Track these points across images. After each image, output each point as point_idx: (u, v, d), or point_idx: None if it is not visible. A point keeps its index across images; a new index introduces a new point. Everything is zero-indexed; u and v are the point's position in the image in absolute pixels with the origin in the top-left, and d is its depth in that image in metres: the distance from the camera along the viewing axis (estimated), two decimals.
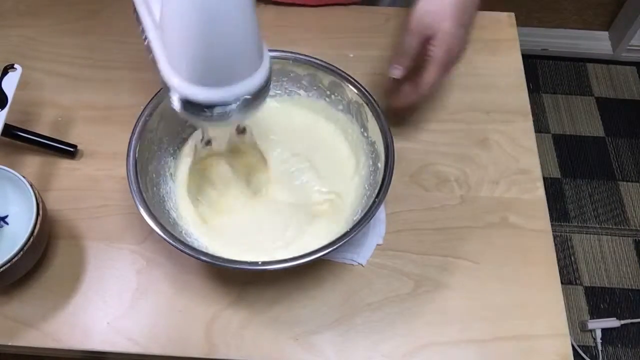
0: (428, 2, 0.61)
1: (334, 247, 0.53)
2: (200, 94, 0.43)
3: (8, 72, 0.65)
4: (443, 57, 0.61)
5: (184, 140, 0.66)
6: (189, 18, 0.39)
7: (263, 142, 0.63)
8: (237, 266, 0.53)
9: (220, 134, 0.59)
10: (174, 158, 0.64)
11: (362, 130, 0.64)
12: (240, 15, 0.40)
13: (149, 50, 0.47)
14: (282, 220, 0.62)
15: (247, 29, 0.41)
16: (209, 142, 0.59)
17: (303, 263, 0.52)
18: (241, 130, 0.58)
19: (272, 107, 0.67)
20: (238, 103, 0.44)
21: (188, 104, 0.44)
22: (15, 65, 0.65)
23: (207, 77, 0.42)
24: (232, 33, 0.40)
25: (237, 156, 0.62)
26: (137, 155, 0.58)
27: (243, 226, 0.62)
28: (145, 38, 0.47)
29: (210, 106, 0.43)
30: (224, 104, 0.43)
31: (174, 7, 0.40)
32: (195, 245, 0.56)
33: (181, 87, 0.43)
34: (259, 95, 0.45)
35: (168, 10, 0.41)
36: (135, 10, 0.49)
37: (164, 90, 0.46)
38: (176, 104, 0.45)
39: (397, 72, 0.63)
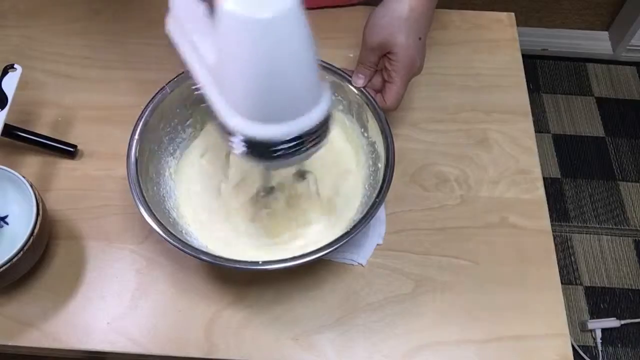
0: (379, 16, 0.61)
1: (334, 247, 0.53)
2: (262, 130, 0.42)
3: (8, 72, 0.65)
4: (404, 73, 0.61)
5: (184, 140, 0.66)
6: (247, 60, 0.39)
7: None
8: (237, 266, 0.53)
9: (282, 178, 0.59)
10: (174, 158, 0.64)
11: (362, 130, 0.64)
12: (299, 48, 0.40)
13: (204, 96, 0.47)
14: (281, 220, 0.62)
15: (305, 61, 0.42)
16: (271, 190, 0.58)
17: (303, 263, 0.52)
18: (301, 175, 0.58)
19: None
20: (299, 140, 0.43)
21: (252, 144, 0.43)
22: (15, 65, 0.65)
23: (268, 113, 0.42)
24: (291, 71, 0.40)
25: (293, 199, 0.61)
26: (137, 155, 0.58)
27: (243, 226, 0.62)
28: (199, 85, 0.47)
29: (273, 144, 0.43)
30: (287, 139, 0.43)
31: (232, 48, 0.39)
32: (195, 244, 0.56)
33: (242, 126, 0.43)
34: (321, 129, 0.45)
35: (225, 52, 0.41)
36: (184, 60, 0.49)
37: (223, 137, 0.45)
38: (239, 147, 0.44)
39: (360, 82, 0.63)
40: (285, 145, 0.43)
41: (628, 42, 1.83)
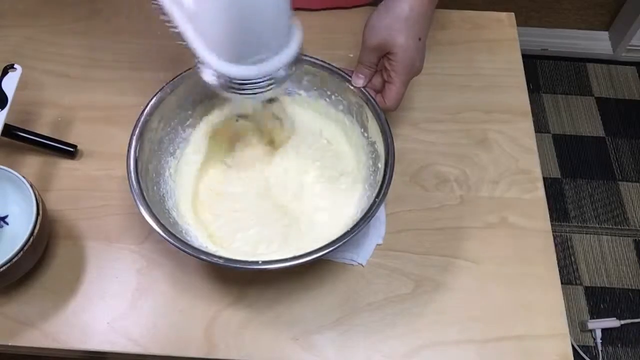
0: (379, 17, 0.61)
1: (334, 247, 0.53)
2: (238, 70, 0.46)
3: (8, 72, 0.65)
4: (404, 74, 0.61)
5: (184, 140, 0.66)
6: (223, 3, 0.42)
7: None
8: (237, 266, 0.53)
9: (252, 106, 0.63)
10: (174, 158, 0.64)
11: (362, 130, 0.64)
12: None
13: (180, 36, 0.49)
14: (281, 221, 0.62)
15: (279, 7, 0.44)
16: (241, 116, 0.63)
17: (303, 263, 0.52)
18: (270, 100, 0.61)
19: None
20: (271, 77, 0.48)
21: (225, 80, 0.47)
22: (15, 65, 0.65)
23: (243, 55, 0.46)
24: (264, 12, 0.43)
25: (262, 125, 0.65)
26: (137, 155, 0.58)
27: (243, 226, 0.62)
28: (171, 24, 0.49)
29: (246, 82, 0.47)
30: (259, 78, 0.47)
31: None
32: (195, 244, 0.56)
33: (218, 65, 0.46)
34: (290, 69, 0.48)
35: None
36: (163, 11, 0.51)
37: (198, 67, 0.49)
38: (212, 80, 0.48)
39: (360, 82, 0.63)
40: (255, 84, 0.47)
41: (628, 42, 1.83)
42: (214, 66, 0.46)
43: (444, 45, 0.81)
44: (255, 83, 0.48)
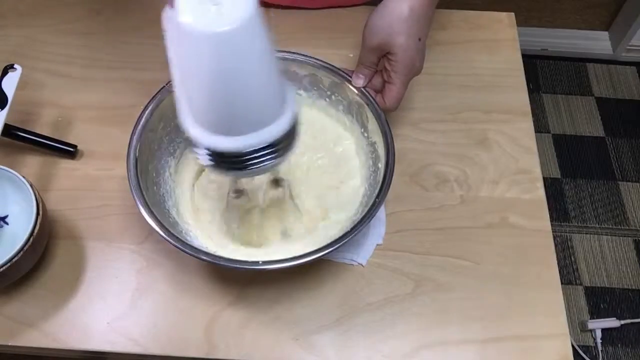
0: (379, 16, 0.60)
1: (334, 247, 0.53)
2: (224, 142, 0.42)
3: (8, 72, 0.65)
4: (404, 74, 0.61)
5: (184, 141, 0.65)
6: (204, 76, 0.38)
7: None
8: (237, 266, 0.53)
9: (254, 186, 0.58)
10: (174, 158, 0.64)
11: (362, 130, 0.64)
12: (255, 62, 0.39)
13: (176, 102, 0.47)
14: (281, 221, 0.62)
15: (263, 75, 0.40)
16: (239, 192, 0.58)
17: (303, 263, 0.52)
18: (276, 183, 0.57)
19: None
20: (265, 151, 0.43)
21: (215, 155, 0.43)
22: (15, 65, 0.65)
23: (229, 126, 0.42)
24: (249, 86, 0.40)
25: (272, 207, 0.61)
26: (137, 155, 0.58)
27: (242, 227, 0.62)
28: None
29: (235, 155, 0.43)
30: (249, 151, 0.43)
31: (189, 68, 0.39)
32: (195, 244, 0.56)
33: (202, 137, 0.42)
34: (285, 141, 0.44)
35: (184, 69, 0.41)
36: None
37: (190, 146, 0.45)
38: (204, 158, 0.44)
39: (360, 82, 0.63)
40: (249, 157, 0.43)
41: (628, 42, 1.83)
42: (194, 137, 0.42)
43: (443, 45, 0.81)
44: (246, 157, 0.43)
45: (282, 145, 0.44)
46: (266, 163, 0.44)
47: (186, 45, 0.38)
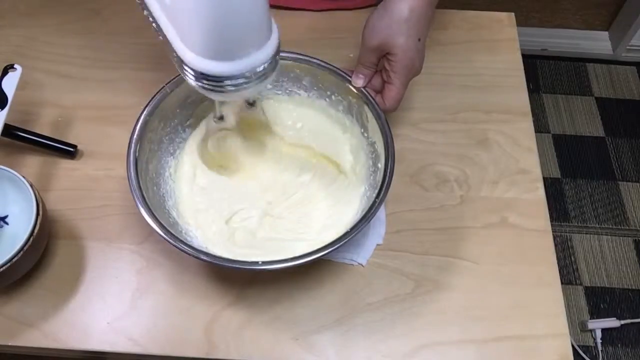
0: (379, 17, 0.60)
1: (334, 247, 0.53)
2: (215, 67, 0.45)
3: (8, 72, 0.65)
4: (403, 74, 0.61)
5: (184, 140, 0.66)
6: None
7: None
8: (237, 266, 0.53)
9: (232, 107, 0.61)
10: (174, 158, 0.64)
11: (362, 130, 0.64)
12: None
13: (158, 30, 0.48)
14: (281, 221, 0.62)
15: (255, 5, 0.43)
16: (221, 118, 0.60)
17: (303, 263, 0.52)
18: (251, 103, 0.60)
19: (273, 106, 0.68)
20: (250, 75, 0.46)
21: (203, 77, 0.46)
22: (15, 65, 0.65)
23: (220, 51, 0.44)
24: (242, 6, 0.42)
25: (248, 130, 0.64)
26: (137, 155, 0.58)
27: (242, 227, 0.62)
28: (153, 20, 0.49)
29: (223, 79, 0.45)
30: (237, 76, 0.45)
31: None
32: (195, 244, 0.56)
33: (195, 62, 0.45)
34: (270, 66, 0.47)
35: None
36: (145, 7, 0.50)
37: (177, 66, 0.48)
38: (191, 79, 0.47)
39: (359, 82, 0.63)
40: (234, 81, 0.46)
41: (628, 42, 1.83)
42: (189, 62, 0.45)
43: (444, 45, 0.81)
44: (233, 80, 0.46)
45: (263, 72, 0.47)
46: (246, 88, 0.47)
47: None
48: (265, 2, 0.44)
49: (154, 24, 0.49)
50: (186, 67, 0.46)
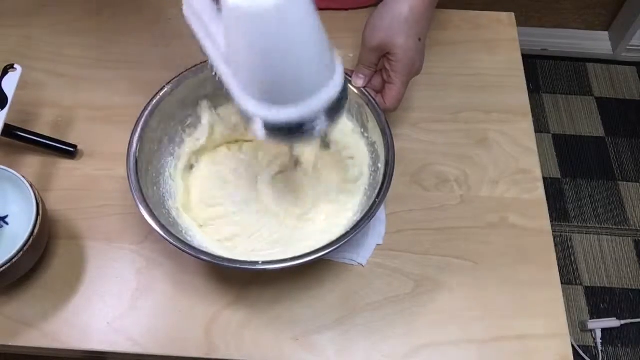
0: (379, 17, 0.60)
1: (334, 247, 0.53)
2: (278, 113, 0.43)
3: (8, 72, 0.65)
4: (403, 74, 0.61)
5: (184, 140, 0.65)
6: (252, 45, 0.39)
7: None
8: (237, 266, 0.53)
9: (308, 150, 0.60)
10: (174, 158, 0.64)
11: (362, 130, 0.64)
12: (303, 33, 0.40)
13: (220, 81, 0.47)
14: (281, 221, 0.62)
15: (312, 44, 0.41)
16: (298, 162, 0.59)
17: (303, 263, 0.52)
18: (326, 145, 0.58)
19: None
20: (318, 119, 0.44)
21: (271, 127, 0.44)
22: (15, 65, 0.65)
23: (281, 96, 0.42)
24: (296, 52, 0.40)
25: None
26: (137, 155, 0.58)
27: (242, 227, 0.62)
28: (215, 70, 0.47)
29: (291, 125, 0.43)
30: (302, 120, 0.43)
31: (236, 37, 0.40)
32: (195, 244, 0.56)
33: (258, 109, 0.43)
34: (337, 105, 0.45)
35: (230, 41, 0.41)
36: (200, 44, 0.49)
37: (244, 121, 0.46)
38: (260, 131, 0.44)
39: (360, 82, 0.63)
40: (303, 125, 0.44)
41: (628, 42, 1.83)
42: (253, 111, 0.43)
43: (444, 45, 0.81)
44: (298, 127, 0.44)
45: (331, 112, 0.45)
46: (317, 131, 0.45)
47: (234, 23, 0.39)
48: (324, 40, 0.42)
49: (217, 79, 0.47)
50: (253, 119, 0.44)
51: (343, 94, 0.46)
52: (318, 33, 0.42)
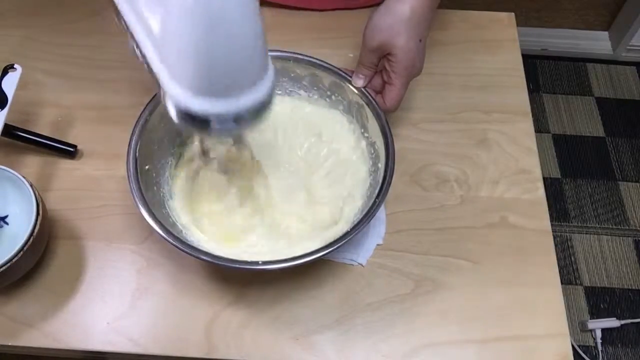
0: (380, 18, 0.60)
1: (334, 247, 0.53)
2: (201, 105, 0.41)
3: (8, 72, 0.65)
4: (404, 75, 0.61)
5: (184, 140, 0.65)
6: (192, 27, 0.37)
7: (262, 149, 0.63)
8: (237, 266, 0.53)
9: (218, 144, 0.57)
10: (174, 158, 0.64)
11: (362, 130, 0.64)
12: (246, 23, 0.39)
13: (141, 57, 0.45)
14: (281, 221, 0.62)
15: (252, 38, 0.40)
16: (206, 153, 0.57)
17: (303, 263, 0.52)
18: (238, 141, 0.56)
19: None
20: (238, 116, 0.42)
21: (187, 115, 0.42)
22: (15, 65, 0.65)
23: (209, 87, 0.40)
24: (236, 42, 0.39)
25: (235, 168, 0.61)
26: (137, 155, 0.58)
27: (241, 227, 0.62)
28: (136, 46, 0.46)
29: (209, 118, 0.42)
30: (224, 116, 0.42)
31: (177, 18, 0.38)
32: (195, 244, 0.55)
33: (181, 97, 0.41)
34: (262, 108, 0.43)
35: (170, 21, 0.39)
36: (119, 18, 0.47)
37: (161, 97, 0.44)
38: (174, 114, 0.43)
39: (360, 82, 0.63)
40: (221, 121, 0.42)
41: (628, 42, 1.83)
42: (175, 97, 0.41)
43: (444, 45, 0.81)
44: (219, 120, 0.42)
45: (252, 115, 0.43)
46: (234, 130, 0.43)
47: (174, 7, 0.38)
48: (262, 39, 0.41)
49: (139, 54, 0.45)
50: (169, 102, 0.42)
51: (270, 99, 0.44)
52: (259, 27, 0.40)
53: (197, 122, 0.42)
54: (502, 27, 0.83)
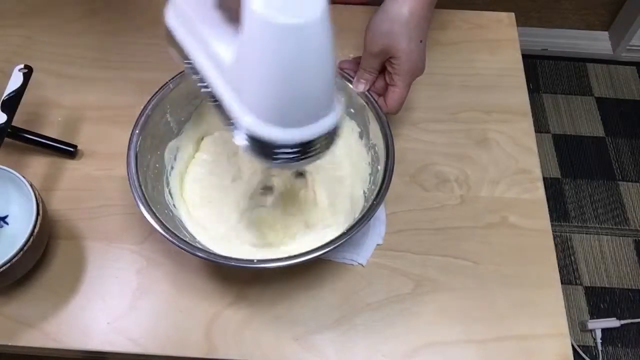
0: (380, 22, 0.60)
1: (334, 247, 0.53)
2: (271, 133, 0.42)
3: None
4: (407, 77, 0.62)
5: (186, 138, 0.65)
6: (273, 63, 0.38)
7: None
8: (233, 263, 0.53)
9: (281, 176, 0.59)
10: (174, 158, 0.64)
11: (362, 130, 0.64)
12: (325, 60, 0.40)
13: (208, 94, 0.46)
14: (281, 221, 0.62)
15: (329, 74, 0.41)
16: (267, 189, 0.58)
17: (303, 262, 0.52)
18: (299, 174, 0.58)
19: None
20: (306, 145, 0.43)
21: (257, 142, 0.43)
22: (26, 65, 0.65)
23: (282, 117, 0.41)
24: (314, 78, 0.40)
25: (289, 196, 0.62)
26: (137, 154, 0.58)
27: (242, 227, 0.62)
28: (203, 84, 0.46)
29: (278, 146, 0.42)
30: (293, 145, 0.42)
31: (258, 51, 0.38)
32: (195, 243, 0.55)
33: (252, 125, 0.42)
34: (326, 140, 0.44)
35: (249, 53, 0.39)
36: (178, 50, 0.48)
37: (228, 129, 0.45)
38: (242, 141, 0.44)
39: (361, 87, 0.63)
40: (289, 150, 0.43)
41: (628, 42, 1.83)
42: (245, 124, 0.42)
43: (444, 45, 0.81)
44: (288, 149, 0.42)
45: (320, 145, 0.44)
46: (300, 160, 0.44)
47: (257, 35, 0.38)
48: (333, 73, 0.42)
49: (203, 88, 0.46)
50: (238, 129, 0.43)
51: (335, 131, 0.45)
52: (333, 60, 0.41)
53: (266, 149, 0.43)
54: (502, 27, 0.83)
